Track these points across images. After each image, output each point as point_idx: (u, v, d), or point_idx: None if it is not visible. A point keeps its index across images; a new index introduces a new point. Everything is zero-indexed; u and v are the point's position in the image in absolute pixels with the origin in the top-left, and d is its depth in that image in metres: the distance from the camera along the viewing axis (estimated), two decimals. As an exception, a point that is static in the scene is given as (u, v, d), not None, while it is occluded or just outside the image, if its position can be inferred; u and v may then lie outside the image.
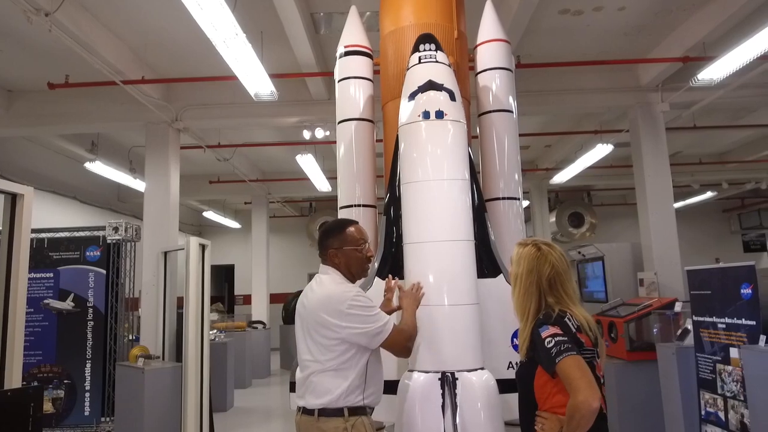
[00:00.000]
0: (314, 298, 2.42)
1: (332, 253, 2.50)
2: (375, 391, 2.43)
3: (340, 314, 2.31)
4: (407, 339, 2.48)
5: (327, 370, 2.33)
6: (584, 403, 1.82)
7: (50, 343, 6.47)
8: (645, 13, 6.06)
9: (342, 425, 2.29)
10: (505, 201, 3.71)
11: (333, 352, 2.33)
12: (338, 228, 2.56)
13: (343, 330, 2.31)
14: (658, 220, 7.25)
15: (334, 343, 2.33)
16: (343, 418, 2.30)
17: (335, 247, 2.50)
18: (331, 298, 2.36)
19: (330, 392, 2.31)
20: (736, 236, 16.11)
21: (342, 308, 2.31)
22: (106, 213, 10.97)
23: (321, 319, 2.34)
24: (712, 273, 3.89)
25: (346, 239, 2.51)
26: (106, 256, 6.65)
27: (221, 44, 4.78)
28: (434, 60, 3.15)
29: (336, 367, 2.32)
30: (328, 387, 2.32)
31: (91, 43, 5.64)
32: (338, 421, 2.30)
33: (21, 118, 7.48)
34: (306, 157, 8.95)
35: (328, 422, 2.30)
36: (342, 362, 2.32)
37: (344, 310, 2.31)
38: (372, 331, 2.33)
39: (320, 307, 2.37)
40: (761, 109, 8.94)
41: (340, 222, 2.65)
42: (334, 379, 2.32)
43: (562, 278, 2.10)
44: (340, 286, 2.43)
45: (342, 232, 2.53)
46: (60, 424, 6.33)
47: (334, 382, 2.31)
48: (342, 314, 2.31)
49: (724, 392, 3.64)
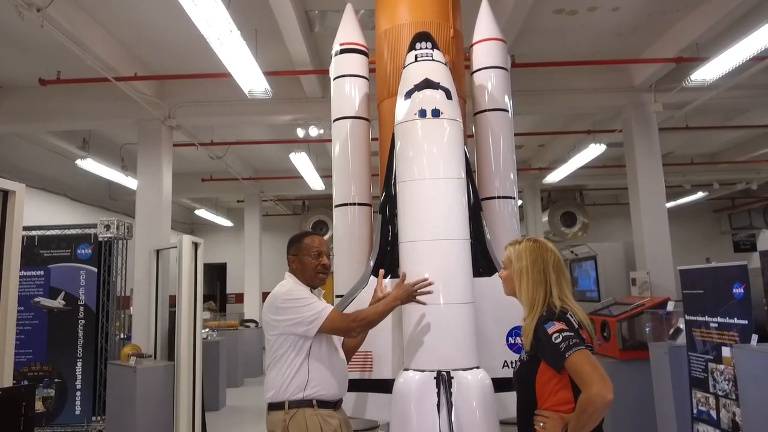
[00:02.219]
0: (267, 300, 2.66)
1: (290, 259, 2.75)
2: (322, 384, 2.53)
3: (277, 310, 2.55)
4: (352, 320, 2.59)
5: (272, 366, 2.55)
6: (598, 395, 1.82)
7: (41, 341, 6.41)
8: (639, 13, 6.08)
9: (282, 417, 2.46)
10: (501, 200, 3.71)
11: (274, 348, 2.54)
12: (298, 237, 2.80)
13: (281, 323, 2.52)
14: (650, 219, 7.29)
15: (274, 338, 2.54)
16: (283, 411, 2.47)
17: (292, 254, 2.75)
18: (270, 298, 2.62)
19: (273, 386, 2.51)
20: (726, 236, 16.23)
21: (277, 304, 2.56)
22: (97, 211, 10.89)
23: (266, 318, 2.60)
24: (705, 272, 3.91)
25: (301, 247, 2.74)
26: (97, 254, 6.59)
27: (215, 41, 4.75)
28: (430, 58, 3.14)
29: (276, 361, 2.53)
30: (272, 381, 2.53)
31: (84, 39, 5.59)
32: (280, 414, 2.47)
33: (11, 114, 7.40)
34: (299, 155, 8.93)
35: (274, 415, 2.50)
36: (280, 356, 2.52)
37: (279, 305, 2.55)
38: (306, 318, 2.50)
39: (265, 308, 2.62)
40: (753, 110, 9.02)
41: (302, 233, 2.87)
42: (277, 373, 2.52)
43: (563, 265, 2.13)
44: (282, 287, 2.65)
45: (300, 241, 2.76)
46: (50, 424, 6.27)
47: (276, 377, 2.51)
48: (278, 309, 2.54)
49: (716, 391, 3.67)
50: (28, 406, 3.03)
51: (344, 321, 2.60)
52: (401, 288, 2.74)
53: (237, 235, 15.12)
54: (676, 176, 11.88)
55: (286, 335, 2.52)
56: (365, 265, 3.46)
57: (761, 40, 4.96)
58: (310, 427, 2.45)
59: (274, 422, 2.48)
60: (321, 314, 2.52)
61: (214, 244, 15.08)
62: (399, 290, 2.73)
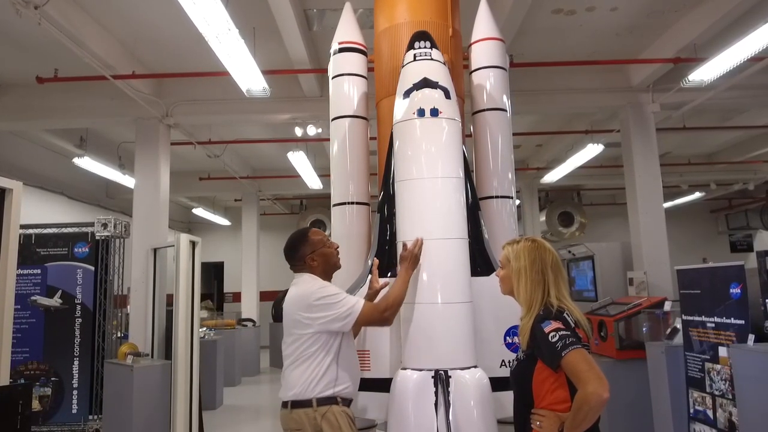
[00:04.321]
0: (290, 299, 2.65)
1: (309, 259, 2.72)
2: (348, 383, 2.58)
3: (310, 308, 2.53)
4: (383, 310, 2.64)
5: (297, 364, 2.54)
6: (594, 394, 1.83)
7: (37, 340, 6.39)
8: (637, 13, 6.09)
9: (311, 414, 2.46)
10: (499, 199, 3.71)
11: (304, 347, 2.53)
12: (302, 237, 2.77)
13: (316, 321, 2.52)
14: (647, 219, 7.31)
15: (307, 336, 2.53)
16: (312, 408, 2.47)
17: (309, 253, 2.72)
18: (302, 296, 2.60)
19: (297, 384, 2.51)
20: (723, 236, 16.28)
21: (311, 302, 2.54)
22: (94, 209, 10.86)
23: (297, 317, 2.57)
24: (702, 272, 3.92)
25: (314, 243, 2.75)
26: (94, 253, 6.57)
27: (213, 39, 4.75)
28: (429, 58, 3.14)
29: (304, 360, 2.52)
30: (297, 379, 2.52)
31: (81, 37, 5.58)
32: (307, 412, 2.47)
33: (9, 112, 7.38)
34: (297, 154, 8.92)
35: (297, 413, 2.49)
36: (309, 355, 2.51)
37: (313, 303, 2.53)
38: (342, 314, 2.53)
39: (294, 306, 2.60)
40: (750, 111, 9.04)
41: (300, 232, 2.83)
42: (303, 371, 2.51)
43: (560, 265, 2.13)
44: (309, 284, 2.63)
45: (308, 239, 2.75)
46: (47, 422, 6.26)
47: (303, 375, 2.51)
48: (312, 307, 2.53)
49: (712, 391, 3.68)
50: (25, 404, 3.02)
51: (377, 311, 2.64)
52: (407, 257, 2.80)
53: (234, 234, 15.10)
54: (674, 176, 11.91)
55: (320, 333, 2.53)
56: (363, 265, 3.46)
57: (759, 40, 4.98)
58: (341, 424, 2.49)
59: (299, 420, 2.47)
60: (355, 308, 2.56)
61: (211, 243, 15.07)
62: (406, 260, 2.79)
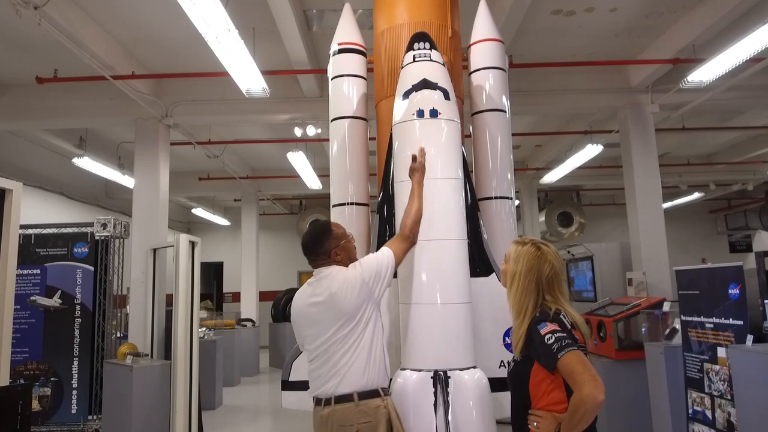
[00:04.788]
0: (332, 290, 2.54)
1: (335, 253, 2.66)
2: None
3: (364, 285, 2.53)
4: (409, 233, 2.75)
5: (359, 353, 2.48)
6: (589, 396, 1.83)
7: (37, 340, 6.40)
8: (636, 14, 6.10)
9: (381, 403, 2.46)
10: (498, 200, 3.72)
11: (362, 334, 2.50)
12: (326, 231, 2.71)
13: (374, 293, 2.55)
14: (646, 220, 7.32)
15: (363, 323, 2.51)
16: (380, 398, 2.48)
17: (334, 247, 2.67)
18: (349, 283, 2.53)
19: (365, 374, 2.47)
20: (722, 237, 16.29)
21: (364, 280, 2.53)
22: (93, 209, 10.85)
23: (350, 302, 2.51)
24: (701, 273, 3.93)
25: (338, 236, 2.70)
26: (94, 253, 6.57)
27: (213, 40, 4.75)
28: (429, 59, 3.15)
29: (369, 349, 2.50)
30: (363, 369, 2.47)
31: (81, 38, 5.58)
32: (377, 401, 2.46)
33: (8, 112, 7.38)
34: (297, 154, 8.92)
35: (369, 403, 2.44)
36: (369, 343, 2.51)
37: (366, 279, 2.54)
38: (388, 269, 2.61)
39: (344, 293, 2.51)
40: (749, 111, 9.05)
41: (322, 226, 2.76)
42: (367, 361, 2.48)
43: (559, 278, 2.12)
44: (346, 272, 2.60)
45: (331, 233, 2.70)
46: (46, 422, 6.26)
47: (367, 365, 2.48)
48: (365, 284, 2.53)
49: (711, 391, 3.69)
50: (25, 404, 3.02)
51: (403, 240, 2.73)
52: (417, 168, 2.87)
53: (234, 234, 15.09)
54: (673, 177, 11.92)
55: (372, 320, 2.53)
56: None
57: (758, 41, 4.98)
58: (399, 411, 2.56)
59: (369, 411, 2.42)
60: (389, 258, 2.63)
61: (211, 243, 15.07)
62: (417, 171, 2.86)
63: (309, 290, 2.62)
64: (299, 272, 15.52)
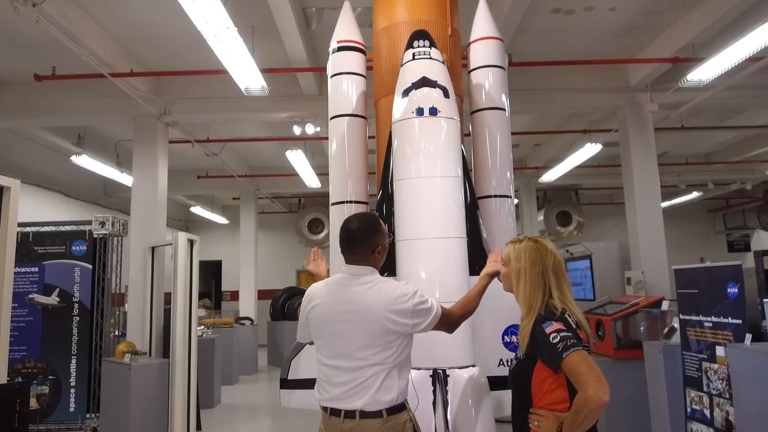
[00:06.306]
0: (373, 299, 2.28)
1: (377, 252, 2.37)
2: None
3: (407, 313, 2.25)
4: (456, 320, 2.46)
5: (390, 369, 2.27)
6: (594, 396, 1.82)
7: (35, 338, 6.39)
8: (635, 13, 6.10)
9: (407, 416, 2.32)
10: (497, 198, 3.72)
11: (396, 351, 2.28)
12: (378, 224, 2.42)
13: (413, 328, 2.28)
14: (645, 219, 7.32)
15: (398, 341, 2.27)
16: (406, 410, 2.33)
17: (382, 243, 2.38)
18: (396, 299, 2.26)
19: (394, 390, 2.26)
20: (720, 236, 16.31)
21: (409, 306, 2.25)
22: (92, 207, 10.83)
23: (388, 320, 2.24)
24: (699, 272, 3.93)
25: (385, 234, 2.41)
26: (92, 251, 6.56)
27: (212, 38, 4.74)
28: (428, 57, 3.15)
29: (400, 365, 2.30)
30: (393, 385, 2.27)
31: (79, 35, 5.57)
32: (404, 415, 2.31)
33: (6, 110, 7.36)
34: (296, 152, 8.91)
35: (398, 418, 2.28)
36: (402, 360, 2.31)
37: (411, 308, 2.25)
38: (433, 320, 2.31)
39: (385, 308, 2.25)
40: (748, 111, 9.06)
41: (374, 217, 2.52)
42: (397, 377, 2.29)
43: (563, 268, 2.12)
44: (392, 285, 2.33)
45: (381, 228, 2.41)
46: (44, 420, 6.25)
47: (396, 380, 2.28)
48: (409, 312, 2.24)
49: (709, 390, 3.69)
50: (23, 403, 3.02)
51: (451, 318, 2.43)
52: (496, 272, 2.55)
53: (232, 233, 15.09)
54: (672, 176, 11.93)
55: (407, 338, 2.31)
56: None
57: (757, 41, 4.99)
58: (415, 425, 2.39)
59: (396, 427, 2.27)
60: (437, 313, 2.34)
61: (209, 242, 15.06)
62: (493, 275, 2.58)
63: (341, 293, 2.33)
64: (298, 271, 15.52)
